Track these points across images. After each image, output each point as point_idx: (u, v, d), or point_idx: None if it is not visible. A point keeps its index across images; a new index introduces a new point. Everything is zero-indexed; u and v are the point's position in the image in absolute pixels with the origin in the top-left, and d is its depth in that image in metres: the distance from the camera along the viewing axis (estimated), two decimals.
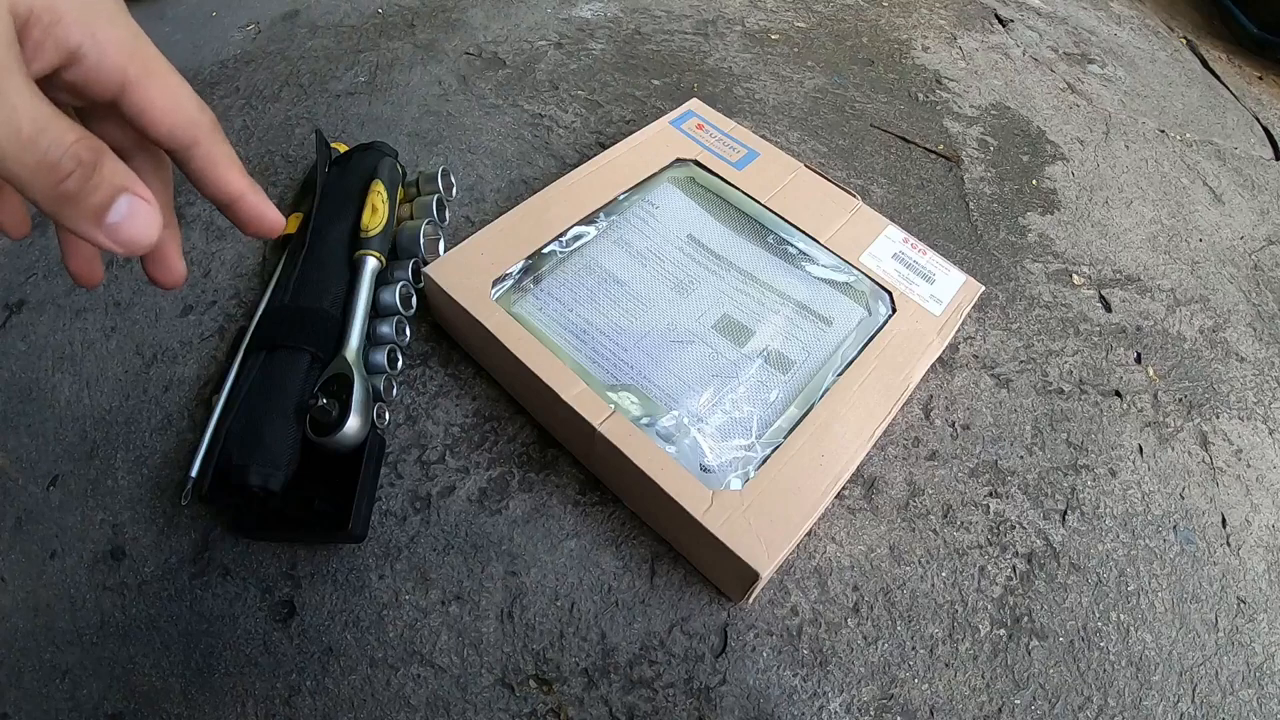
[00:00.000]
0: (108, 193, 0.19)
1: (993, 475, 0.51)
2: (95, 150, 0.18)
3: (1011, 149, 0.73)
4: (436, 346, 0.53)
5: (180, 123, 0.21)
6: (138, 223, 0.19)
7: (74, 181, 0.18)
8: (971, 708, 0.42)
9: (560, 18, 0.80)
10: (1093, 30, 0.92)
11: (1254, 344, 0.61)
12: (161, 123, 0.21)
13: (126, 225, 0.19)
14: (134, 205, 0.19)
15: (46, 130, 0.17)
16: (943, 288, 0.52)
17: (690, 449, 0.43)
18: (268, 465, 0.41)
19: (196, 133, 0.21)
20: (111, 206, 0.19)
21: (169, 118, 0.21)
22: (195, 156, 0.22)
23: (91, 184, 0.18)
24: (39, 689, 0.40)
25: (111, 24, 0.19)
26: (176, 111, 0.21)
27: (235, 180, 0.23)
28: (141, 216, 0.19)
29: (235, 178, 0.23)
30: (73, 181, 0.18)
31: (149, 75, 0.20)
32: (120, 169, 0.19)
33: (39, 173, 0.18)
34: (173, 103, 0.21)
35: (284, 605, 0.42)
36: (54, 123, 0.18)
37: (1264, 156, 0.79)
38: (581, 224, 0.53)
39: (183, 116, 0.21)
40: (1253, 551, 0.50)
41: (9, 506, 0.45)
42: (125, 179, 0.19)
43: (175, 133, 0.21)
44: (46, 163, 0.18)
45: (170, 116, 0.21)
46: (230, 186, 0.23)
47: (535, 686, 0.41)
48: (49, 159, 0.18)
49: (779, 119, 0.72)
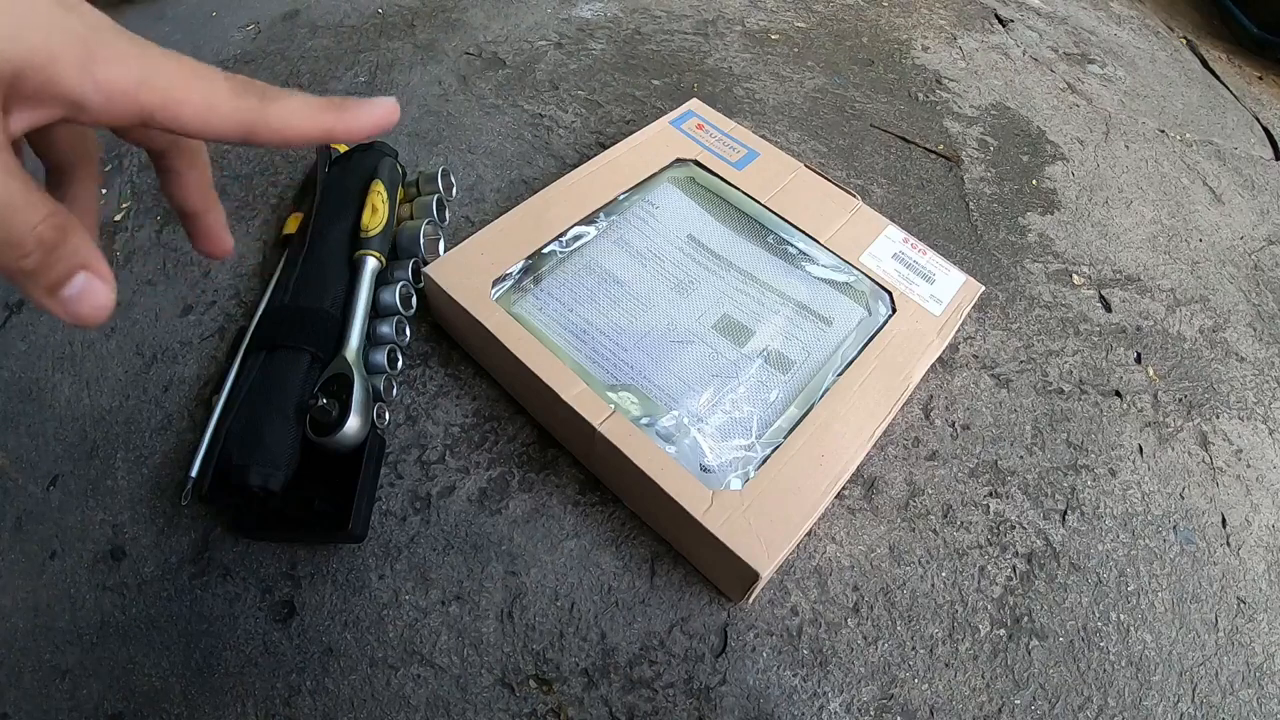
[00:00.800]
0: (64, 271, 0.19)
1: (993, 475, 0.51)
2: (60, 229, 0.18)
3: (1011, 149, 0.73)
4: (436, 346, 0.53)
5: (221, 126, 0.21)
6: (91, 300, 0.20)
7: (32, 261, 0.18)
8: (971, 708, 0.42)
9: (560, 18, 0.80)
10: (1093, 30, 0.92)
11: (1254, 344, 0.61)
12: (204, 131, 0.20)
13: (79, 301, 0.19)
14: (89, 283, 0.19)
15: (12, 208, 0.17)
16: (943, 288, 0.52)
17: (690, 449, 0.43)
18: (268, 465, 0.41)
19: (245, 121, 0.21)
20: (68, 283, 0.19)
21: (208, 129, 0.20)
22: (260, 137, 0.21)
23: (49, 261, 0.19)
24: (39, 689, 0.40)
25: (112, 63, 0.19)
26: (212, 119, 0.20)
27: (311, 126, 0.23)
28: (95, 295, 0.20)
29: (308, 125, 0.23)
30: (31, 260, 0.18)
31: (169, 98, 0.20)
32: (82, 246, 0.19)
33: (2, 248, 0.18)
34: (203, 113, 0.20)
35: (284, 605, 0.42)
36: (21, 200, 0.18)
37: (1264, 156, 0.79)
38: (581, 224, 0.53)
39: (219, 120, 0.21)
40: (1253, 551, 0.50)
41: (9, 506, 0.45)
42: (84, 257, 0.19)
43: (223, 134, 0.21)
44: (10, 240, 0.18)
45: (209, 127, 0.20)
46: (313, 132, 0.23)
47: (535, 686, 0.41)
48: (11, 237, 0.18)
49: (779, 119, 0.72)
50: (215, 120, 0.20)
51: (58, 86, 0.18)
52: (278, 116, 0.22)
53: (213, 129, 0.20)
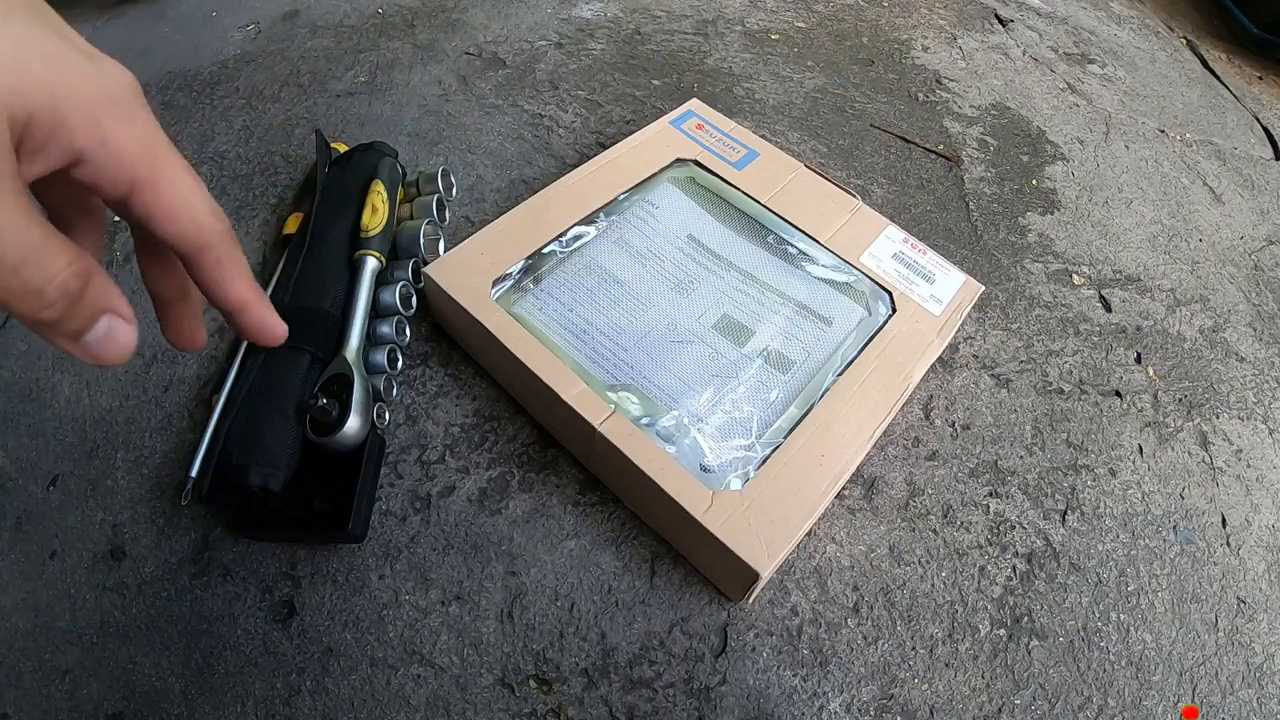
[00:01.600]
0: (88, 317, 0.19)
1: (993, 475, 0.51)
2: (81, 276, 0.18)
3: (1011, 149, 0.73)
4: (436, 346, 0.53)
5: (189, 228, 0.20)
6: (114, 343, 0.19)
7: (55, 310, 0.18)
8: (971, 708, 0.42)
9: (560, 18, 0.80)
10: (1093, 30, 0.92)
11: (1254, 344, 0.61)
12: (170, 227, 0.20)
13: (102, 345, 0.19)
14: (113, 326, 0.19)
15: (33, 259, 0.17)
16: (943, 288, 0.52)
17: (690, 449, 0.43)
18: (268, 465, 0.41)
19: (207, 238, 0.21)
20: (91, 329, 0.19)
21: (178, 223, 0.20)
22: (202, 262, 0.21)
23: (73, 310, 0.18)
24: (39, 689, 0.40)
25: (121, 123, 0.19)
26: (186, 215, 0.20)
27: (240, 291, 0.22)
28: (119, 337, 0.19)
29: (240, 288, 0.22)
30: (54, 310, 0.18)
31: (159, 178, 0.19)
32: (104, 290, 0.19)
33: (23, 299, 0.17)
34: (182, 206, 0.20)
35: (284, 605, 0.42)
36: (43, 250, 0.17)
37: (1264, 156, 0.79)
38: (581, 224, 0.53)
39: (192, 222, 0.20)
40: (1253, 551, 0.50)
41: (9, 506, 0.45)
42: (108, 300, 0.19)
43: (184, 237, 0.20)
44: (30, 291, 0.17)
45: (179, 222, 0.20)
46: (234, 296, 0.22)
47: (535, 686, 0.41)
48: (33, 287, 0.17)
49: (779, 119, 0.72)
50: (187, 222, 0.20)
51: (66, 135, 0.18)
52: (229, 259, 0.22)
53: (179, 229, 0.20)
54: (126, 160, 0.19)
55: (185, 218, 0.20)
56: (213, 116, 0.67)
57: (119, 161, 0.19)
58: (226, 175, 0.62)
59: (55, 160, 0.18)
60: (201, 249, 0.21)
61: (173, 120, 0.66)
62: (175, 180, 0.20)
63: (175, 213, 0.20)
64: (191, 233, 0.20)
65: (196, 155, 0.63)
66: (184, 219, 0.20)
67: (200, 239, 0.21)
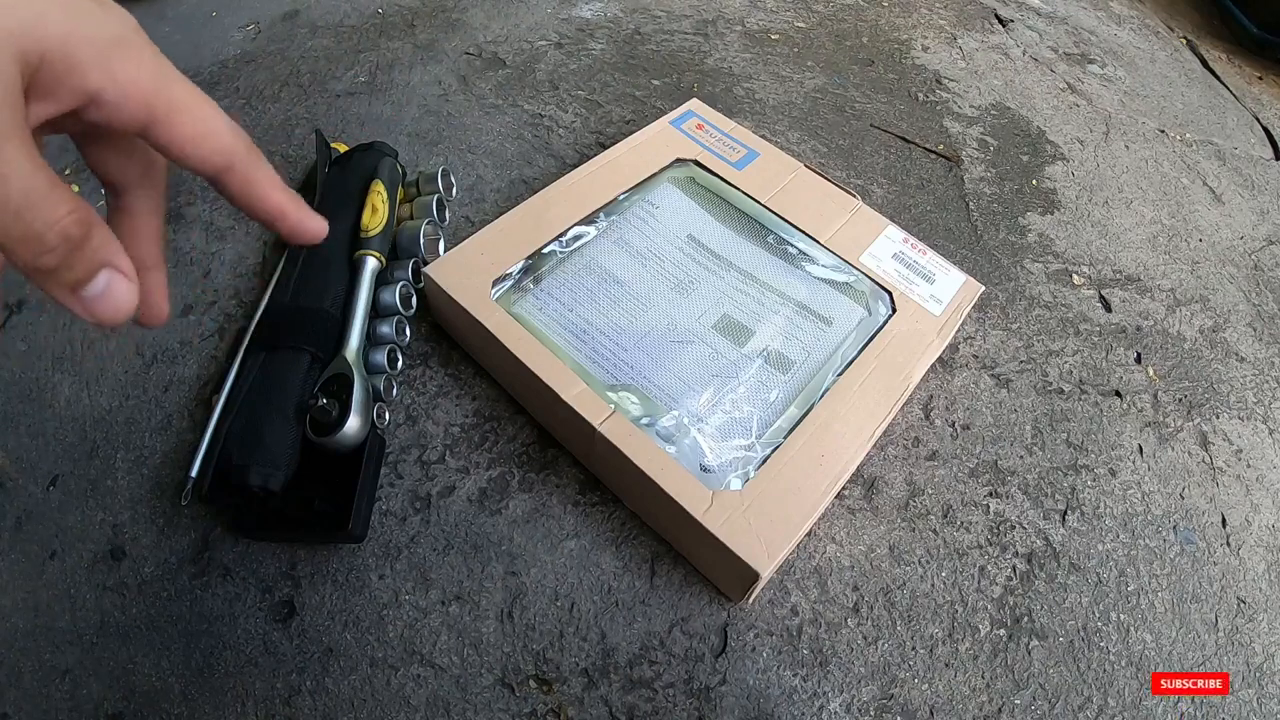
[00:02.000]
0: (88, 268, 0.19)
1: (993, 475, 0.51)
2: (84, 224, 0.18)
3: (1011, 149, 0.73)
4: (436, 346, 0.53)
5: (213, 150, 0.21)
6: (113, 299, 0.19)
7: (54, 258, 0.18)
8: (971, 708, 0.42)
9: (560, 18, 0.80)
10: (1093, 30, 0.92)
11: (1254, 344, 0.61)
12: (193, 151, 0.20)
13: (102, 300, 0.19)
14: (113, 281, 0.19)
15: (36, 204, 0.17)
16: (943, 288, 0.52)
17: (690, 449, 0.43)
18: (268, 465, 0.41)
19: (230, 158, 0.21)
20: (90, 282, 0.19)
21: (200, 148, 0.20)
22: (232, 180, 0.21)
23: (72, 259, 0.18)
24: (39, 689, 0.40)
25: (132, 62, 0.19)
26: (207, 140, 0.21)
27: (275, 198, 0.23)
28: (118, 294, 0.19)
29: (274, 196, 0.23)
30: (53, 257, 0.18)
31: (175, 109, 0.20)
32: (105, 244, 0.19)
33: (23, 244, 0.17)
34: (202, 131, 0.20)
35: (284, 605, 0.42)
36: (46, 196, 0.17)
37: (1264, 156, 0.79)
38: (581, 224, 0.53)
39: (214, 144, 0.21)
40: (1253, 551, 0.50)
41: (9, 506, 0.45)
42: (108, 254, 0.19)
43: (209, 159, 0.21)
44: (31, 235, 0.17)
45: (201, 146, 0.20)
46: (271, 205, 0.23)
47: (535, 686, 0.41)
48: (33, 232, 0.17)
49: (779, 119, 0.72)
50: (209, 145, 0.21)
51: (79, 77, 0.18)
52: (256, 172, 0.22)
53: (201, 153, 0.20)
54: (140, 96, 0.19)
55: (207, 141, 0.20)
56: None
57: (133, 98, 0.19)
58: None
59: (68, 101, 0.18)
60: (228, 167, 0.21)
61: None
62: (191, 108, 0.20)
63: (196, 138, 0.20)
64: (216, 154, 0.21)
65: None
66: (206, 143, 0.20)
67: (225, 159, 0.21)
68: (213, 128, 0.21)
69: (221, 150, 0.21)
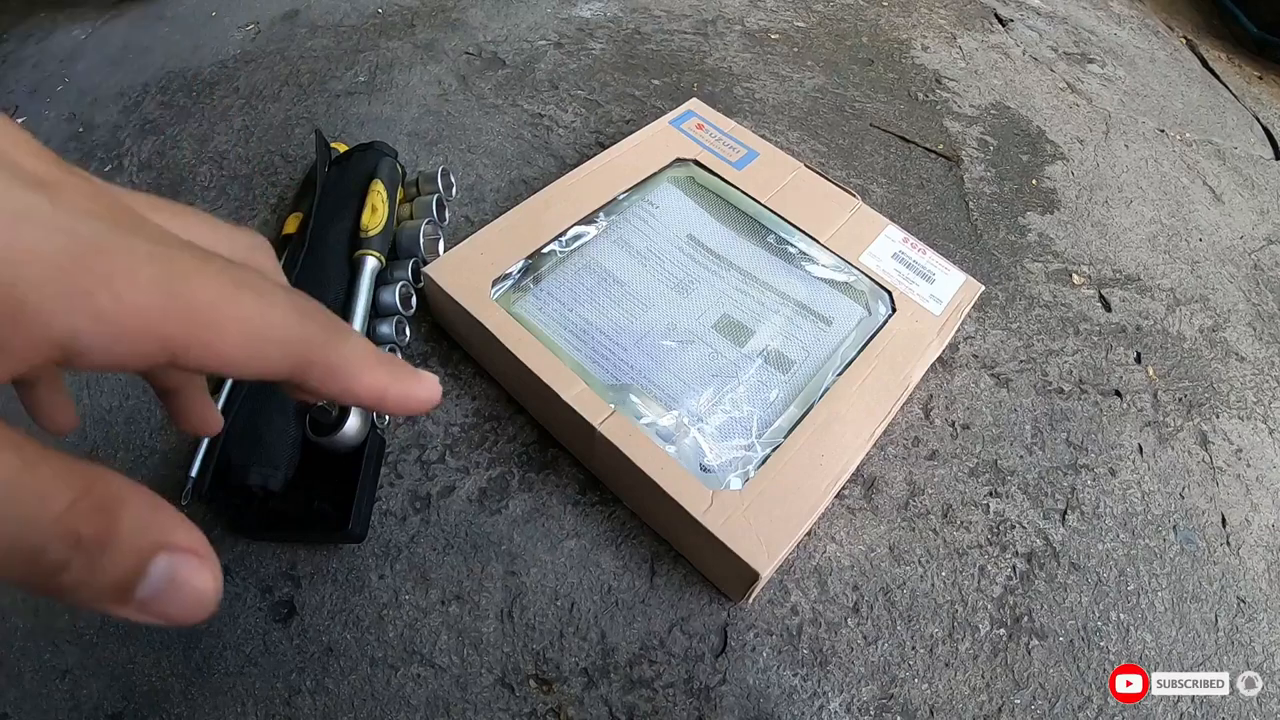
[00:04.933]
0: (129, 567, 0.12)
1: (993, 475, 0.51)
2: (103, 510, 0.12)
3: (1011, 149, 0.73)
4: (436, 346, 0.53)
5: (275, 361, 0.15)
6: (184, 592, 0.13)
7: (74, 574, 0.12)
8: (971, 707, 0.42)
9: (560, 18, 0.80)
10: (1093, 30, 0.92)
11: (1254, 344, 0.61)
12: (249, 368, 0.15)
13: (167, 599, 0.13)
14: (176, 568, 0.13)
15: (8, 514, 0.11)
16: (942, 287, 0.52)
17: (690, 449, 0.43)
18: (268, 465, 0.41)
19: (302, 358, 0.16)
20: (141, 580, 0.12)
21: (256, 360, 0.15)
22: (309, 380, 0.16)
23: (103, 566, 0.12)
24: (39, 689, 0.40)
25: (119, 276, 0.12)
26: (264, 347, 0.15)
27: (366, 383, 0.17)
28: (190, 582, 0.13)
29: (365, 379, 0.17)
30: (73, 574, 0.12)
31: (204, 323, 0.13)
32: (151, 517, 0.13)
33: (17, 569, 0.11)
34: (254, 345, 0.14)
35: (284, 605, 0.42)
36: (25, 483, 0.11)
37: (1264, 156, 0.79)
38: (581, 224, 0.53)
39: (271, 352, 0.15)
40: (1253, 551, 0.50)
41: None
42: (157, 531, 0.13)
43: (274, 369, 0.15)
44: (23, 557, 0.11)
45: (256, 362, 0.15)
46: (364, 394, 0.17)
47: (535, 686, 0.41)
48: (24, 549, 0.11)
49: (779, 119, 0.72)
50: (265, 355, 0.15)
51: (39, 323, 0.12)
52: (342, 357, 0.16)
53: (260, 366, 0.15)
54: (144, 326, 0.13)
55: (261, 351, 0.15)
56: (213, 116, 0.67)
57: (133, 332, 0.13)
58: (226, 175, 0.62)
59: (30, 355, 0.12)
60: (300, 369, 0.16)
61: (172, 120, 0.66)
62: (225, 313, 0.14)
63: (244, 354, 0.14)
64: (276, 362, 0.15)
65: (196, 155, 0.63)
66: (260, 354, 0.15)
67: (291, 362, 0.15)
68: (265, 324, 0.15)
69: (290, 354, 0.15)
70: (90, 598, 0.12)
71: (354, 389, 0.17)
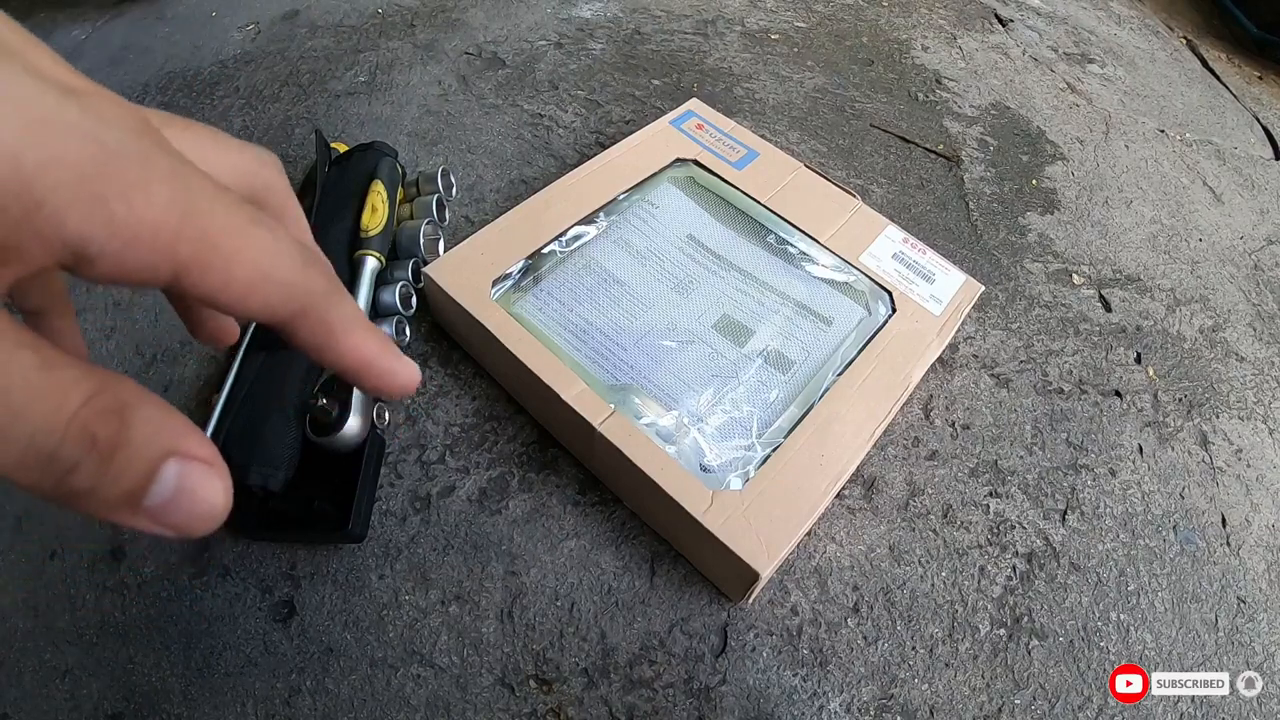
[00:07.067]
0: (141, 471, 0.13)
1: (993, 475, 0.51)
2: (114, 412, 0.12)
3: (1011, 149, 0.73)
4: (436, 346, 0.53)
5: (273, 299, 0.15)
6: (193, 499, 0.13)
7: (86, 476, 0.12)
8: (971, 708, 0.42)
9: (560, 18, 0.80)
10: (1093, 30, 0.92)
11: (1254, 344, 0.61)
12: (246, 306, 0.14)
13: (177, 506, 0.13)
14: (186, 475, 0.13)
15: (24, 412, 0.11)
16: (942, 287, 0.52)
17: (690, 449, 0.43)
18: (268, 465, 0.41)
19: (300, 303, 0.15)
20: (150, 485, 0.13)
21: (253, 298, 0.14)
22: (300, 329, 0.16)
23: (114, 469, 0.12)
24: (39, 689, 0.40)
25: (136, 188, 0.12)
26: (262, 288, 0.14)
27: (356, 349, 0.17)
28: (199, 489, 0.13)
29: (355, 345, 0.17)
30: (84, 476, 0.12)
31: (212, 249, 0.13)
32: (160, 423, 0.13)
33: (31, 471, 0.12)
34: (256, 276, 0.14)
35: (284, 605, 0.42)
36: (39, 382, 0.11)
37: (1264, 156, 0.79)
38: (581, 224, 0.53)
39: (274, 291, 0.15)
40: (1253, 551, 0.50)
41: (9, 506, 0.45)
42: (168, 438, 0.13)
43: (268, 311, 0.15)
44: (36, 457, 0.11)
45: (255, 296, 0.14)
46: (351, 358, 0.17)
47: (535, 686, 0.41)
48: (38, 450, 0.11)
49: (779, 119, 0.72)
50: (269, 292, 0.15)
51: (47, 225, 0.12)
52: (338, 315, 0.16)
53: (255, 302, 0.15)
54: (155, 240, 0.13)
55: (261, 290, 0.14)
56: (213, 116, 0.67)
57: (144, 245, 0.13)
58: None
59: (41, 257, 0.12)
60: (296, 316, 0.15)
61: None
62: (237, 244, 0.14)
63: (247, 288, 0.14)
64: (277, 303, 0.15)
65: None
66: (261, 291, 0.14)
67: (291, 306, 0.15)
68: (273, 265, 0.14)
69: (290, 295, 0.15)
70: (100, 505, 0.12)
71: (342, 350, 0.17)
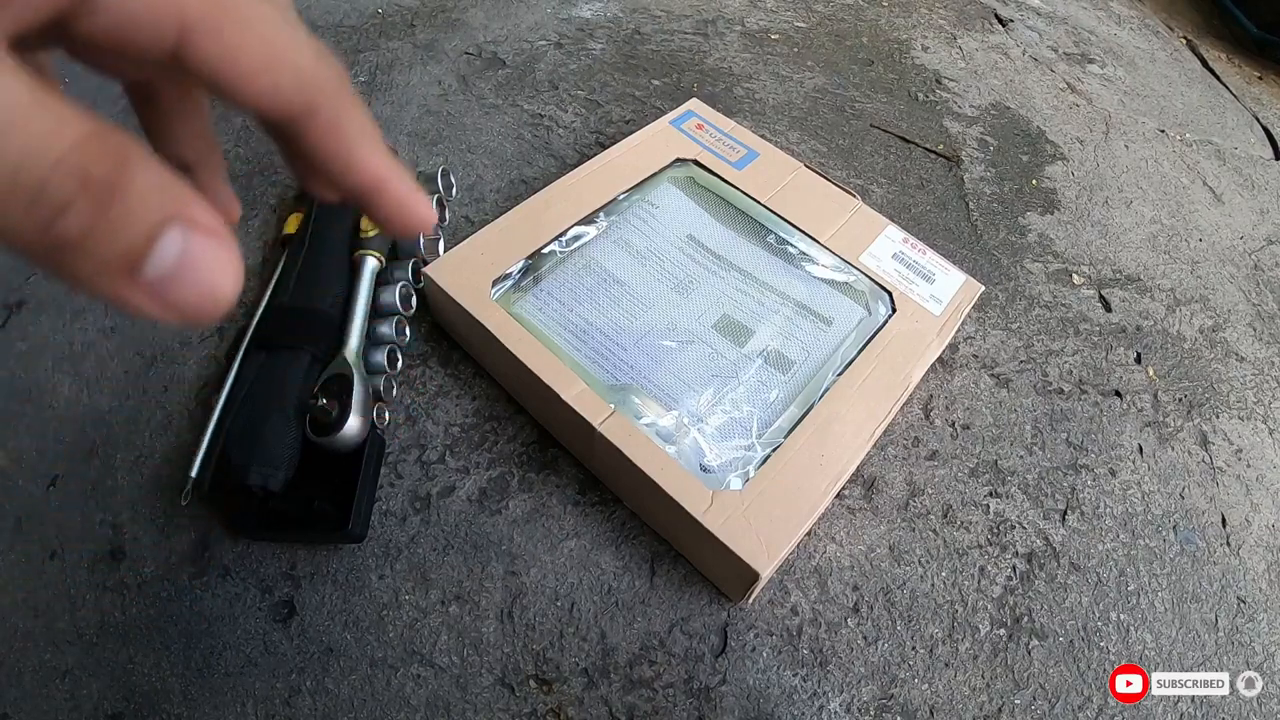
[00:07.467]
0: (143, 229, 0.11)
1: (993, 475, 0.51)
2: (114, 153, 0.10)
3: (1011, 149, 0.73)
4: (436, 346, 0.53)
5: (283, 84, 0.13)
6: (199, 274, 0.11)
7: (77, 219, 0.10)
8: (971, 708, 0.42)
9: (560, 18, 0.80)
10: (1093, 30, 0.92)
11: (1254, 344, 0.61)
12: (251, 86, 0.12)
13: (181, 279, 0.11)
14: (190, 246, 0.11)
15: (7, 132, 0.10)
16: (942, 287, 0.52)
17: (690, 449, 0.43)
18: (268, 465, 0.41)
19: (312, 95, 0.13)
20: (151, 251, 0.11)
21: (260, 79, 0.12)
22: (311, 130, 0.14)
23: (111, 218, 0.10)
24: (39, 689, 0.40)
25: None
26: (273, 67, 0.13)
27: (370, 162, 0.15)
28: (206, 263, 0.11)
29: (369, 157, 0.15)
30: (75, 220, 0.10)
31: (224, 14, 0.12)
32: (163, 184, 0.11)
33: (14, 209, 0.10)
34: (266, 53, 0.12)
35: (284, 605, 0.42)
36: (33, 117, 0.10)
37: (1264, 156, 0.79)
38: (581, 224, 0.53)
39: (287, 74, 0.13)
40: (1253, 551, 0.50)
41: (9, 506, 0.45)
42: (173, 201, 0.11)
43: (276, 98, 0.13)
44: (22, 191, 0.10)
45: (262, 76, 0.12)
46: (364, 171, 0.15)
47: (535, 686, 0.41)
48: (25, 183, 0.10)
49: (779, 119, 0.72)
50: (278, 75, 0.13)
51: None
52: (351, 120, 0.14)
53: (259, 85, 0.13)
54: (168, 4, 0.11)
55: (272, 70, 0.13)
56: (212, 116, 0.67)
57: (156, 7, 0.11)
58: None
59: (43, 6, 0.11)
60: (306, 112, 0.13)
61: None
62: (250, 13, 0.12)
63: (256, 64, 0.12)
64: (287, 90, 0.13)
65: None
66: (269, 72, 0.13)
67: (302, 98, 0.13)
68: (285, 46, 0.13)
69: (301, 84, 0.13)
70: (93, 267, 0.11)
71: (353, 161, 0.15)
